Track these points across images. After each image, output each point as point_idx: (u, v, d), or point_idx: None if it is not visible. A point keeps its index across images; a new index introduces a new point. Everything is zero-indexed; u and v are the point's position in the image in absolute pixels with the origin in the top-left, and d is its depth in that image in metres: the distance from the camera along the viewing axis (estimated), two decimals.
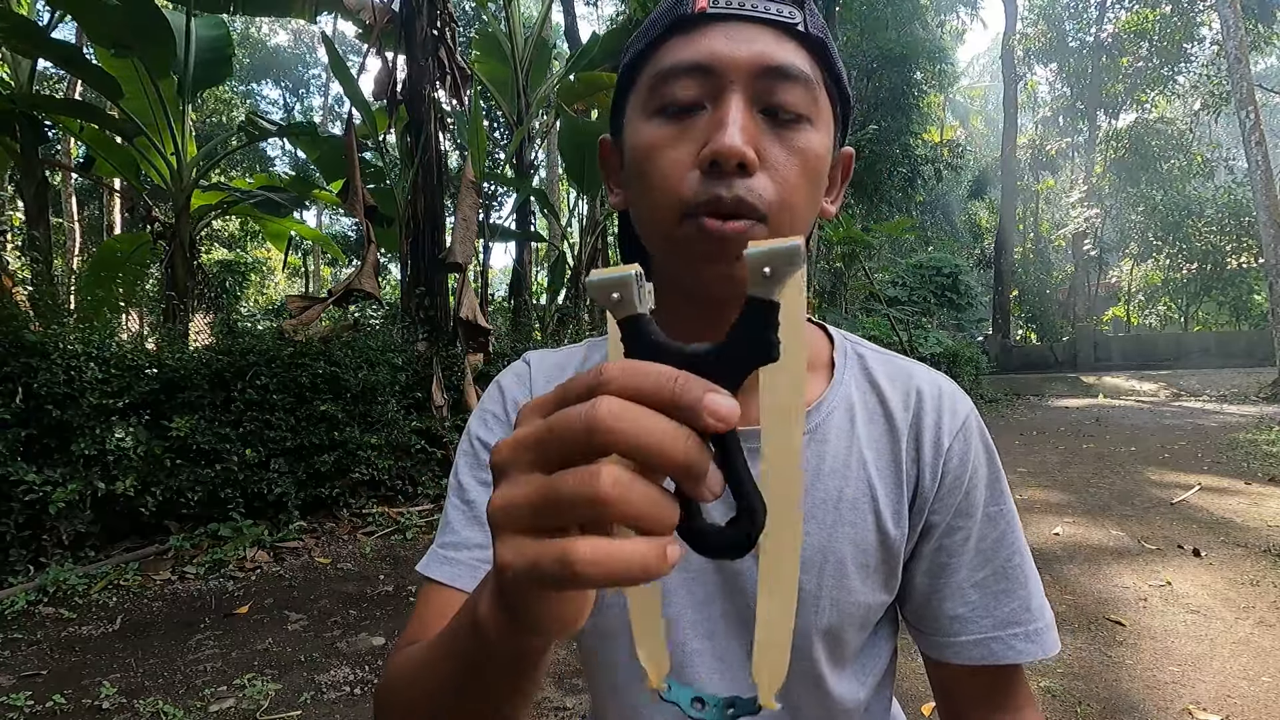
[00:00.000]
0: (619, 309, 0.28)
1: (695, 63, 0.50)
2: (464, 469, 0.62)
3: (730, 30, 0.50)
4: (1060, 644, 0.60)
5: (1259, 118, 10.89)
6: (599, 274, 0.28)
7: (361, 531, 4.54)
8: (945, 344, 11.62)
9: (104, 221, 11.42)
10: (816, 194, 0.54)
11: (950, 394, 0.62)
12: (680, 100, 0.51)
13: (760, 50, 0.50)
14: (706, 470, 0.24)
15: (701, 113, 0.51)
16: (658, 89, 0.52)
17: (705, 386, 0.24)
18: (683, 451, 0.24)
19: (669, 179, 0.50)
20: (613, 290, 0.28)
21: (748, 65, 0.49)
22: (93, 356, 3.94)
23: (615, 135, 0.60)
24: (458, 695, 0.38)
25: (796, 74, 0.50)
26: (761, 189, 0.49)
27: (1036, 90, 26.22)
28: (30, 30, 5.09)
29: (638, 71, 0.55)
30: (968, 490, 0.59)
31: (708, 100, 0.50)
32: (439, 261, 5.78)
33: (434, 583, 0.58)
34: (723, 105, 0.49)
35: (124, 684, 2.60)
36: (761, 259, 0.26)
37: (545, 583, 0.25)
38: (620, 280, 0.28)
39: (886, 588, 0.60)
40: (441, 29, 5.87)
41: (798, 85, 0.50)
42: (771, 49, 0.50)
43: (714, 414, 0.24)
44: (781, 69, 0.50)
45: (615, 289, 0.28)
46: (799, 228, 0.52)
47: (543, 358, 0.67)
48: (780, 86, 0.50)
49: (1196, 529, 4.30)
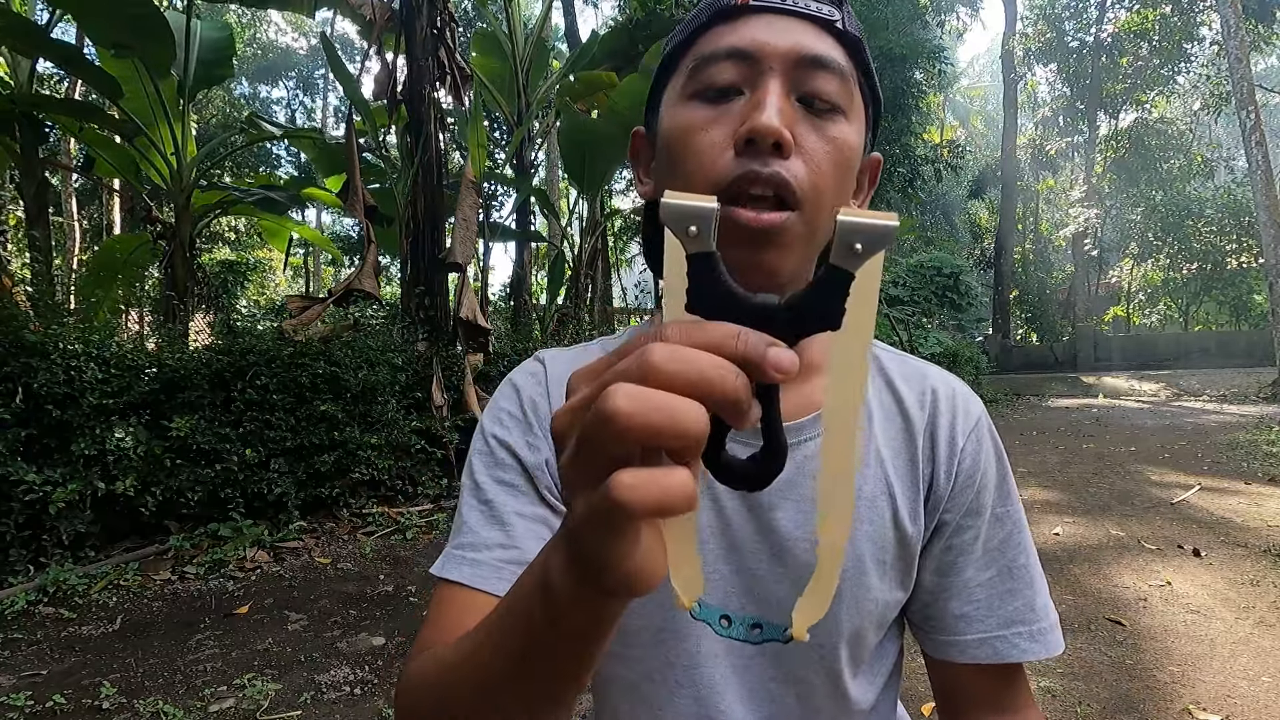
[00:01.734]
0: (692, 243, 0.27)
1: (736, 48, 0.51)
2: (480, 469, 0.61)
3: (771, 21, 0.51)
4: (1064, 644, 0.61)
5: (1259, 118, 10.88)
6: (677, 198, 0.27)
7: (361, 531, 4.54)
8: (945, 344, 11.61)
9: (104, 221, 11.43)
10: (847, 186, 0.54)
11: (964, 395, 0.63)
12: (719, 83, 0.51)
13: (799, 40, 0.51)
14: (751, 403, 0.26)
15: (739, 98, 0.51)
16: (697, 73, 0.53)
17: (766, 342, 0.25)
18: (731, 386, 0.25)
19: (704, 157, 0.51)
20: (691, 222, 0.27)
21: (786, 53, 0.50)
22: (93, 356, 3.94)
23: (649, 128, 0.60)
24: (512, 678, 0.36)
25: (833, 65, 0.51)
26: (797, 171, 0.49)
27: (1036, 90, 26.20)
28: (30, 30, 5.09)
29: (677, 60, 0.56)
30: (979, 490, 0.60)
31: (746, 85, 0.51)
32: (439, 261, 5.78)
33: (453, 585, 0.56)
34: (761, 88, 0.50)
35: (124, 684, 2.60)
36: (854, 232, 0.26)
37: (600, 521, 0.26)
38: (700, 212, 0.27)
39: (902, 585, 0.60)
40: (441, 29, 5.87)
41: (834, 76, 0.51)
42: (810, 40, 0.51)
43: (777, 367, 0.25)
44: (819, 59, 0.51)
45: (693, 221, 0.27)
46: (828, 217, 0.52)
47: (556, 356, 0.67)
48: (817, 76, 0.51)
49: (1196, 529, 4.30)
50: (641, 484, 0.24)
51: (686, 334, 0.26)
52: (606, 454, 0.25)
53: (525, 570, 0.36)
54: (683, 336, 0.26)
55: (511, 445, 0.61)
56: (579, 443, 0.26)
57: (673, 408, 0.24)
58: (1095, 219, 22.23)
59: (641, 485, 0.24)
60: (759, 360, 0.25)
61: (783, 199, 0.49)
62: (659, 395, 0.24)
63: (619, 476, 0.24)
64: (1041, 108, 26.30)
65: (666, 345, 0.25)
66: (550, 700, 0.37)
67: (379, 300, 5.74)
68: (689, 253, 0.27)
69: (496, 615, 0.38)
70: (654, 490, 0.24)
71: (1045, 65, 23.10)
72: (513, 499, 0.59)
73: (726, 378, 0.25)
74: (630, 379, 0.25)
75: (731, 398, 0.25)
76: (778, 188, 0.49)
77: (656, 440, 0.24)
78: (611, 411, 0.24)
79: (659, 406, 0.24)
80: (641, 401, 0.24)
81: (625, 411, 0.24)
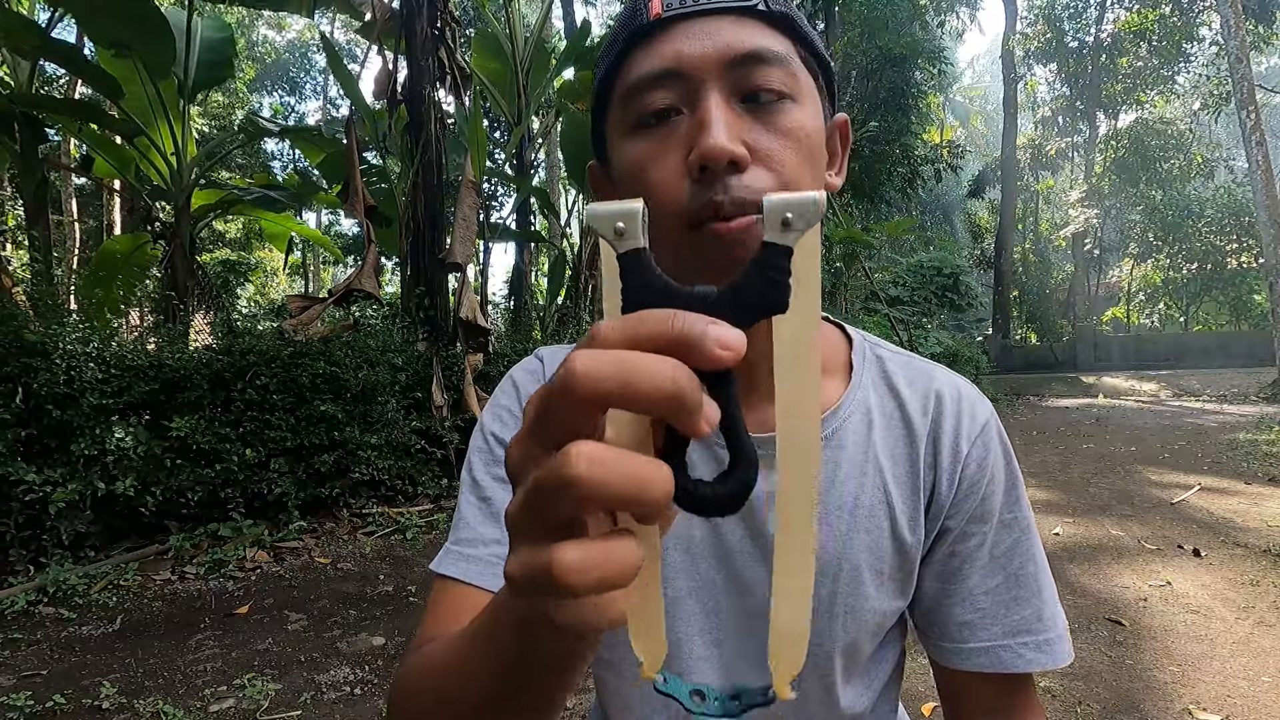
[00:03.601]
0: (621, 242, 0.26)
1: (662, 70, 0.48)
2: (478, 465, 0.61)
3: (690, 29, 0.48)
4: (1073, 654, 0.59)
5: (1259, 118, 10.88)
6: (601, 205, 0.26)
7: (361, 531, 4.54)
8: (945, 344, 11.61)
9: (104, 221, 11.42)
10: (816, 171, 0.52)
11: (970, 398, 0.61)
12: (655, 109, 0.49)
13: (725, 41, 0.48)
14: (700, 400, 0.22)
15: (680, 118, 0.49)
16: (630, 104, 0.50)
17: (706, 320, 0.23)
18: (670, 379, 0.22)
19: (661, 192, 0.49)
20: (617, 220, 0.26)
21: (716, 58, 0.48)
22: (93, 356, 3.94)
23: (601, 159, 0.58)
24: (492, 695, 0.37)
25: (768, 55, 0.48)
26: (759, 183, 0.47)
27: (1036, 90, 26.21)
28: (30, 30, 5.09)
29: (609, 91, 0.53)
30: (984, 496, 0.58)
31: (684, 105, 0.49)
32: (439, 261, 5.78)
33: (449, 580, 0.57)
34: (700, 106, 0.48)
35: (124, 684, 2.60)
36: (779, 206, 0.25)
37: (543, 593, 0.23)
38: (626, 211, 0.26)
39: (901, 594, 0.59)
40: (441, 29, 5.87)
41: (772, 66, 0.48)
42: (737, 36, 0.48)
43: (721, 343, 0.23)
44: (751, 54, 0.48)
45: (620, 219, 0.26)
46: None
47: (555, 353, 0.66)
48: (754, 72, 0.48)
49: (1196, 529, 4.30)
50: (583, 565, 0.22)
51: (615, 330, 0.23)
52: (558, 517, 0.23)
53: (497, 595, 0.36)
54: (611, 333, 0.23)
55: (509, 442, 0.61)
56: (528, 496, 0.24)
57: (640, 475, 0.22)
58: (1095, 219, 22.25)
59: (583, 567, 0.22)
60: (699, 339, 0.22)
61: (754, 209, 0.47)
62: (624, 458, 0.22)
63: (562, 555, 0.22)
64: (1041, 108, 26.32)
65: (589, 351, 0.22)
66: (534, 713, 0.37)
67: (379, 300, 5.74)
68: (619, 252, 0.26)
69: (474, 632, 0.38)
70: (597, 572, 0.22)
71: (1045, 65, 23.11)
72: (509, 495, 0.59)
73: (661, 370, 0.22)
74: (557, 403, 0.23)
75: (672, 393, 0.22)
76: (742, 207, 0.47)
77: (619, 507, 0.23)
78: (571, 477, 0.21)
79: (626, 472, 0.22)
80: (604, 465, 0.21)
81: (585, 478, 0.21)
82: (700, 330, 0.23)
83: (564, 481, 0.22)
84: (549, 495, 0.23)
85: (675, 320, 0.23)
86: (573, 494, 0.22)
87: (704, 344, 0.23)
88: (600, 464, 0.22)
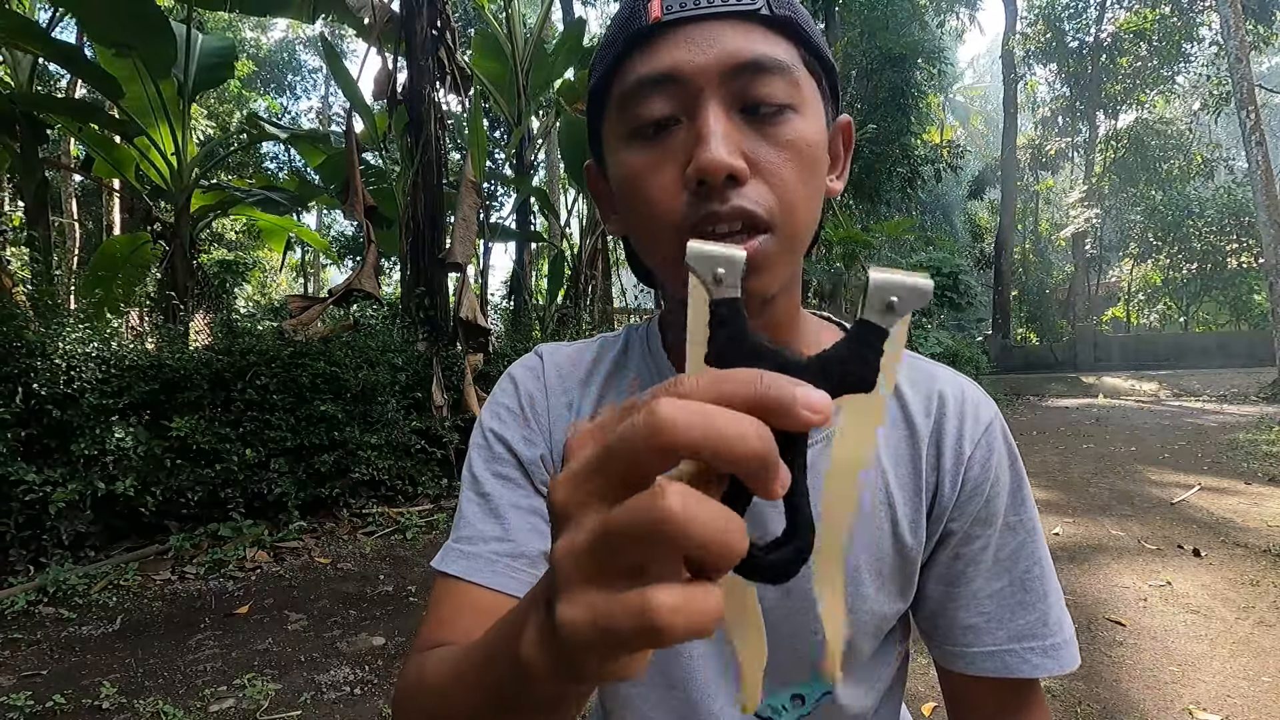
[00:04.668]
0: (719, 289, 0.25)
1: (660, 75, 0.47)
2: (478, 463, 0.61)
3: (690, 34, 0.47)
4: (1079, 659, 0.58)
5: (1259, 118, 10.88)
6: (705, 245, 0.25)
7: (361, 531, 4.54)
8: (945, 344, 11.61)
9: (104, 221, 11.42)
10: (818, 185, 0.51)
11: (974, 399, 0.60)
12: (652, 118, 0.48)
13: (726, 48, 0.46)
14: (779, 462, 0.22)
15: (678, 127, 0.48)
16: (627, 111, 0.49)
17: (795, 382, 0.23)
18: (756, 439, 0.21)
19: (658, 205, 0.48)
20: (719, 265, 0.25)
21: (716, 67, 0.46)
22: (92, 356, 3.94)
23: (598, 161, 0.57)
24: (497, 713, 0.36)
25: (769, 64, 0.47)
26: (759, 196, 0.46)
27: (1036, 90, 26.21)
28: (30, 30, 5.09)
29: (606, 95, 0.52)
30: (988, 499, 0.58)
31: (682, 113, 0.48)
32: (439, 261, 5.78)
33: (450, 577, 0.57)
34: (699, 117, 0.46)
35: (124, 684, 2.60)
36: (888, 288, 0.25)
37: (620, 640, 0.22)
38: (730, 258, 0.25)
39: (902, 596, 0.59)
40: (441, 29, 5.87)
41: (774, 75, 0.47)
42: (738, 44, 0.47)
43: (809, 406, 0.22)
44: (752, 63, 0.47)
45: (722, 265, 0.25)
46: (807, 225, 0.50)
47: (554, 350, 0.66)
48: (756, 82, 0.47)
49: (1196, 529, 4.30)
50: (682, 607, 0.21)
51: (701, 383, 0.23)
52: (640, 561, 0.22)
53: (501, 621, 0.35)
54: (696, 385, 0.23)
55: (508, 440, 0.61)
56: (604, 537, 0.22)
57: (728, 521, 0.21)
58: (1095, 219, 22.24)
59: (682, 609, 0.21)
60: (788, 402, 0.22)
61: (752, 226, 0.47)
62: (712, 506, 0.21)
63: (659, 597, 0.21)
64: (1041, 108, 26.30)
65: (675, 400, 0.22)
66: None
67: (379, 300, 5.74)
68: (714, 299, 0.25)
69: (473, 658, 0.37)
70: (692, 615, 0.21)
71: (1045, 65, 23.10)
72: (509, 492, 0.59)
73: (749, 432, 0.21)
74: (637, 445, 0.21)
75: (758, 453, 0.21)
76: (743, 219, 0.46)
77: (701, 555, 0.21)
78: (667, 515, 0.20)
79: (714, 519, 0.21)
80: (699, 509, 0.20)
81: (682, 518, 0.20)
82: (790, 394, 0.22)
83: (657, 518, 0.20)
84: (633, 533, 0.21)
85: (763, 380, 0.23)
86: (664, 532, 0.20)
87: (793, 406, 0.22)
88: (694, 506, 0.21)
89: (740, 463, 0.21)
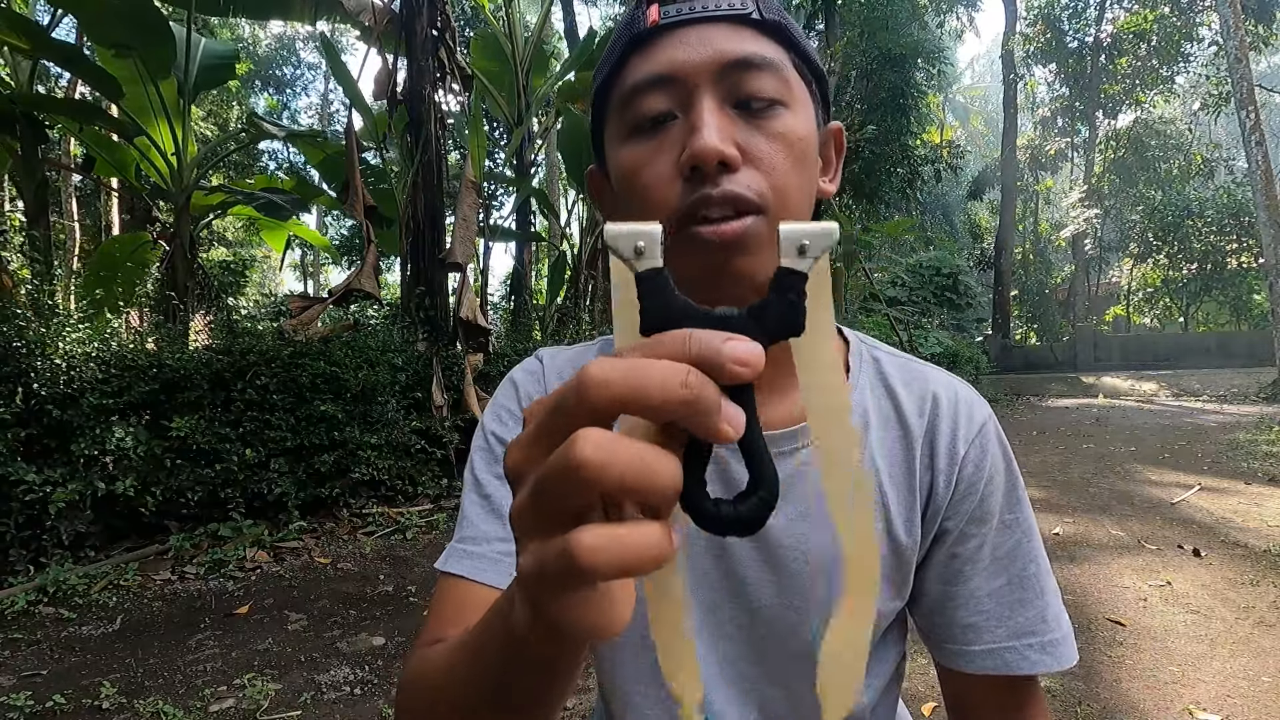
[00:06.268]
0: (640, 261, 0.26)
1: (657, 75, 0.50)
2: (480, 465, 0.62)
3: (685, 36, 0.50)
4: (1077, 655, 0.59)
5: (1259, 118, 10.88)
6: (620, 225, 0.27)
7: (361, 531, 4.54)
8: (945, 344, 11.62)
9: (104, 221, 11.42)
10: (809, 176, 0.53)
11: (967, 400, 0.61)
12: (650, 114, 0.50)
13: (719, 47, 0.49)
14: (718, 401, 0.22)
15: (674, 122, 0.50)
16: (626, 110, 0.52)
17: (721, 336, 0.23)
18: (679, 384, 0.22)
19: (654, 192, 0.50)
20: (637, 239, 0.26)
21: (709, 64, 0.49)
22: (92, 356, 3.94)
23: (601, 166, 0.59)
24: (490, 700, 0.37)
25: (760, 62, 0.50)
26: (750, 181, 0.48)
27: (1036, 91, 26.21)
28: (30, 30, 5.09)
29: (607, 99, 0.54)
30: (983, 497, 0.58)
31: (678, 109, 0.50)
32: (439, 261, 5.78)
33: (453, 577, 0.57)
34: (694, 109, 0.49)
35: (124, 684, 2.60)
36: (796, 235, 0.26)
37: (556, 581, 0.23)
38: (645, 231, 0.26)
39: (899, 595, 0.60)
40: (441, 29, 5.87)
41: (764, 72, 0.50)
42: (730, 44, 0.49)
43: (738, 359, 0.23)
44: (743, 60, 0.49)
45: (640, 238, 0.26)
46: (798, 213, 0.51)
47: (555, 354, 0.67)
48: (747, 78, 0.49)
49: (1196, 529, 4.30)
50: (605, 545, 0.22)
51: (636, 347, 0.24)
52: (567, 506, 0.23)
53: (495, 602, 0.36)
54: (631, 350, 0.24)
55: (509, 442, 0.61)
56: (535, 490, 0.24)
57: (647, 460, 0.22)
58: (1095, 219, 22.25)
59: (605, 546, 0.22)
60: (715, 355, 0.23)
61: (742, 211, 0.48)
62: (631, 445, 0.22)
63: (580, 536, 0.22)
64: (1041, 108, 26.30)
65: (603, 359, 0.23)
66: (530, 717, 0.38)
67: (379, 300, 5.74)
68: (638, 271, 0.26)
69: (470, 640, 0.39)
70: (618, 551, 0.22)
71: (1045, 66, 23.10)
72: (510, 493, 0.59)
73: (671, 377, 0.22)
74: (569, 408, 0.23)
75: (683, 398, 0.22)
76: (733, 203, 0.48)
77: (626, 495, 0.22)
78: (578, 461, 0.21)
79: (632, 458, 0.22)
80: (611, 451, 0.21)
81: (593, 462, 0.21)
82: (716, 347, 0.23)
83: (570, 465, 0.21)
84: (554, 483, 0.22)
85: (692, 339, 0.23)
86: (579, 477, 0.21)
87: (721, 360, 0.23)
88: (607, 448, 0.21)
89: (666, 408, 0.22)
